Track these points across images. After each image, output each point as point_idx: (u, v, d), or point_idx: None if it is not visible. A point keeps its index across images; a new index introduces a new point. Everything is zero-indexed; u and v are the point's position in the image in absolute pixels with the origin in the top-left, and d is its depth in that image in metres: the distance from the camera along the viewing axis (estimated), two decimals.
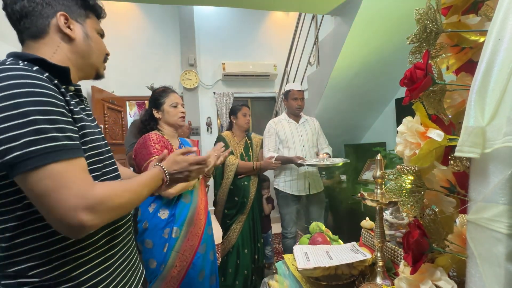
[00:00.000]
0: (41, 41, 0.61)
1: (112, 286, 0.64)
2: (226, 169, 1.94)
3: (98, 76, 0.75)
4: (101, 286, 0.62)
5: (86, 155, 0.58)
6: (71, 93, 0.63)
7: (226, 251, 1.94)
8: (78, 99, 0.65)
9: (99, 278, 0.62)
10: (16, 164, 0.47)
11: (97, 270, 0.62)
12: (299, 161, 1.88)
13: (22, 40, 0.63)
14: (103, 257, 0.63)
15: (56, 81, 0.55)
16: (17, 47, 0.63)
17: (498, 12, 0.40)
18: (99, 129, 0.70)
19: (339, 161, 1.76)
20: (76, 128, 0.56)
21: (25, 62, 0.54)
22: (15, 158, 0.46)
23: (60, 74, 0.59)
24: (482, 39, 0.52)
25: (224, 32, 4.67)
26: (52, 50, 0.62)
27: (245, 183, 1.97)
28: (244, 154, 2.04)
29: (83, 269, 0.59)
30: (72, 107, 0.56)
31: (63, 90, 0.56)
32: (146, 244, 1.24)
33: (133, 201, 0.62)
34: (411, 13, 0.55)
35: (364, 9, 1.83)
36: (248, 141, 2.12)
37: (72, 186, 0.49)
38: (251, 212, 1.98)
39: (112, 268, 0.65)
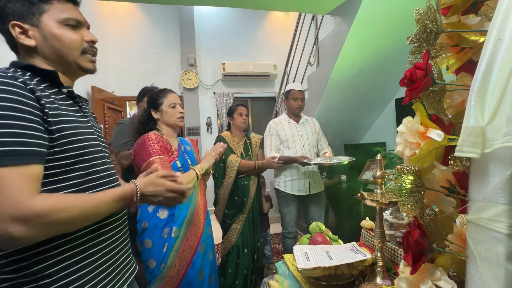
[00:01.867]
0: (19, 56, 0.63)
1: (93, 283, 0.63)
2: (227, 168, 1.94)
3: (84, 70, 0.69)
4: (80, 283, 0.61)
5: (66, 154, 0.59)
6: (63, 96, 0.64)
7: (226, 251, 1.94)
8: (71, 101, 0.67)
9: (78, 275, 0.60)
10: None
11: (77, 267, 0.60)
12: (305, 160, 1.88)
13: None
14: (84, 255, 0.62)
15: (31, 86, 0.54)
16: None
17: (498, 12, 0.40)
18: (93, 130, 0.70)
19: (345, 159, 1.75)
20: (42, 134, 0.55)
21: (18, 69, 0.57)
22: None
23: (50, 78, 0.61)
24: (482, 39, 0.52)
25: (224, 32, 4.67)
26: (29, 61, 0.62)
27: (245, 182, 1.97)
28: (244, 154, 2.04)
29: (61, 265, 0.58)
30: (47, 110, 0.56)
31: (38, 94, 0.55)
32: (145, 244, 1.24)
33: (83, 218, 0.58)
34: (411, 13, 0.55)
35: (364, 9, 1.83)
36: (248, 141, 2.12)
37: (6, 193, 0.48)
38: (251, 211, 1.99)
39: (94, 266, 0.64)
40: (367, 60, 2.27)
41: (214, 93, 4.61)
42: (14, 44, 0.63)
